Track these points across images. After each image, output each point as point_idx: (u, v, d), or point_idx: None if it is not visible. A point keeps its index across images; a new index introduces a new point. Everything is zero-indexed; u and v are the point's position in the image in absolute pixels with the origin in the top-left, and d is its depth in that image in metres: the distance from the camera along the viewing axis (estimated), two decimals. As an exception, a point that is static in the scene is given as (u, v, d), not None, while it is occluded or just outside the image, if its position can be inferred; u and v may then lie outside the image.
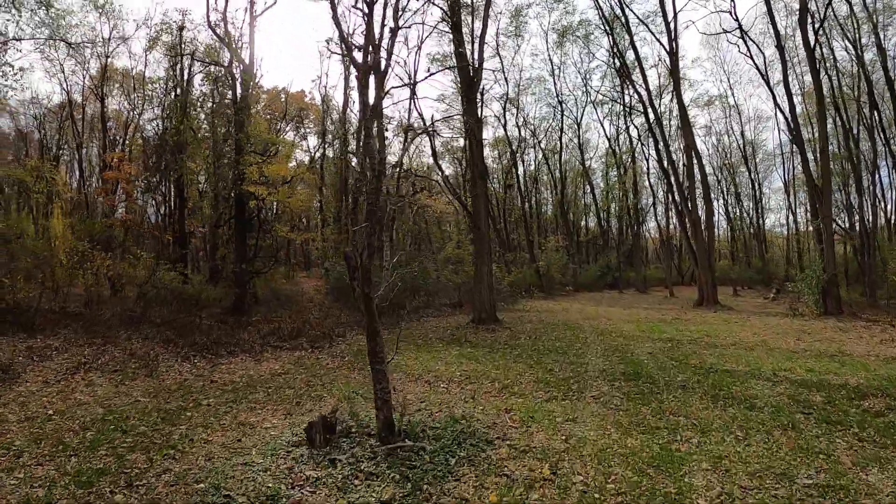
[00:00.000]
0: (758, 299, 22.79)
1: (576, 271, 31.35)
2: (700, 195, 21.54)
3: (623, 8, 22.85)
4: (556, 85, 33.16)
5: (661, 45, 22.60)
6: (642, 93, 23.99)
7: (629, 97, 30.18)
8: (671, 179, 22.75)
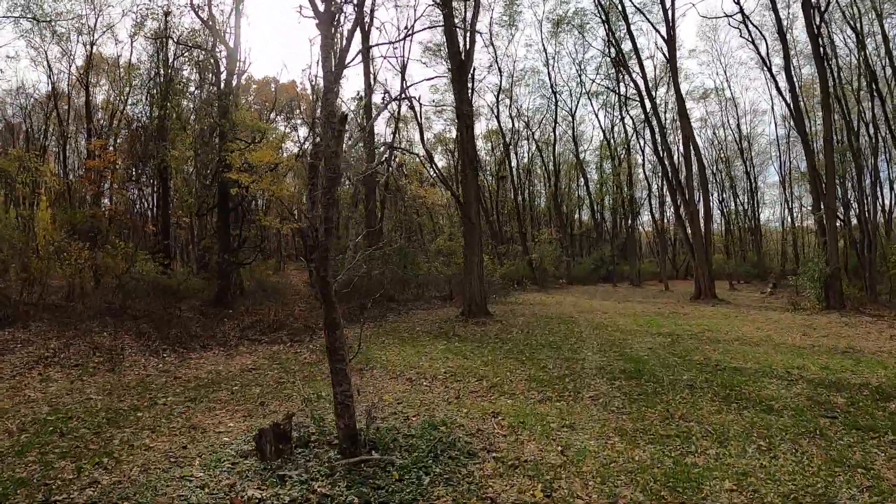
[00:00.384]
0: (755, 293, 22.29)
1: (569, 264, 30.83)
2: (698, 186, 20.99)
3: (620, -5, 22.07)
4: (551, 76, 32.21)
5: (659, 34, 21.80)
6: (639, 82, 23.29)
7: (625, 87, 29.51)
8: (668, 170, 22.11)
